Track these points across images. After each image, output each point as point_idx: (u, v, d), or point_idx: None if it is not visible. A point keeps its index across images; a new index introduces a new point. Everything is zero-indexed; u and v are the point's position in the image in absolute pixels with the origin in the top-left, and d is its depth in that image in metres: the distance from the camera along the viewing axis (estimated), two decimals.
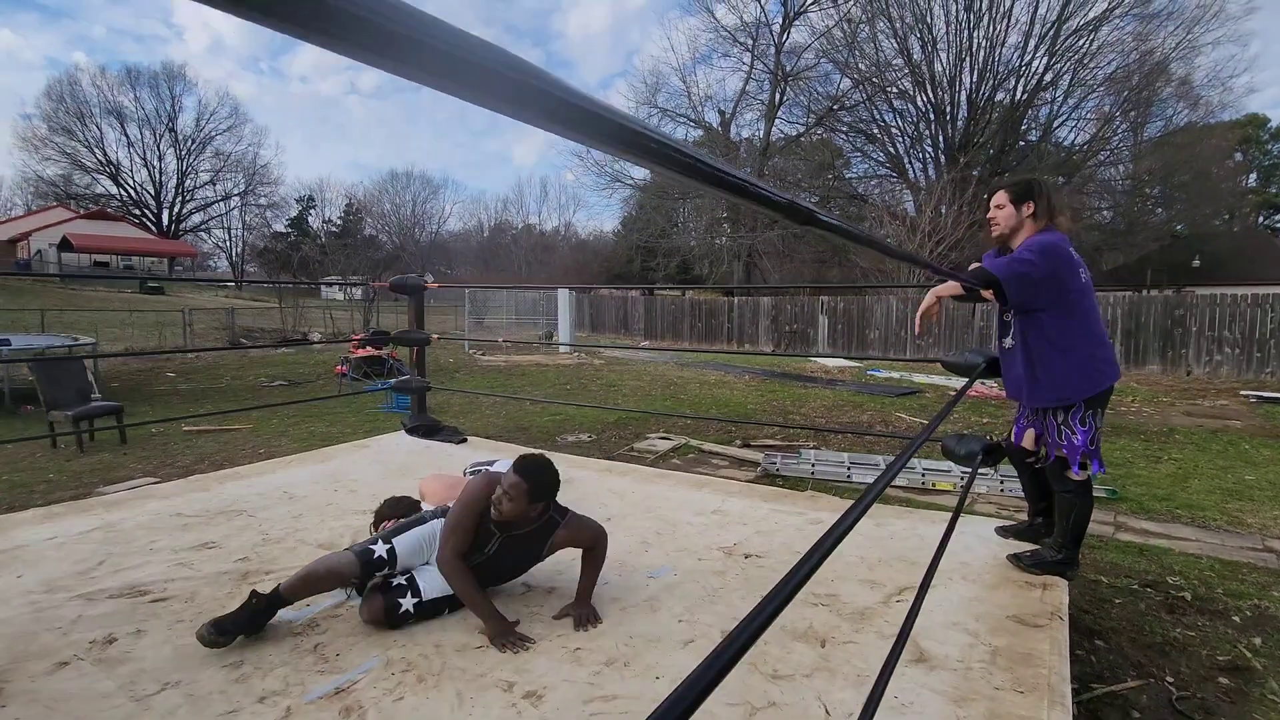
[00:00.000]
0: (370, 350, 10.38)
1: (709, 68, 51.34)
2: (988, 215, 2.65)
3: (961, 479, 5.05)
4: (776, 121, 29.20)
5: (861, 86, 26.38)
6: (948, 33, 24.39)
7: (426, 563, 2.31)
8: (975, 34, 24.03)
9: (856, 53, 26.05)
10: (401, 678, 1.92)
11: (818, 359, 14.60)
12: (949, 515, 3.44)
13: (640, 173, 34.01)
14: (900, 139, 27.43)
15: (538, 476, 2.17)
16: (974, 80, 24.67)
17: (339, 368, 10.72)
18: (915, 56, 24.97)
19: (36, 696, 1.82)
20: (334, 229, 48.27)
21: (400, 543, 2.27)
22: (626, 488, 3.83)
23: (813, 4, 27.01)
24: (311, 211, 50.71)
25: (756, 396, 9.88)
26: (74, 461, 5.67)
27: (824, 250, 28.73)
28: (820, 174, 28.40)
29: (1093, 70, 23.69)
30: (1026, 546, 2.79)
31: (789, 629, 2.20)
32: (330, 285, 30.15)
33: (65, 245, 34.67)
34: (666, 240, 32.24)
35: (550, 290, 20.05)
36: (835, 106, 27.51)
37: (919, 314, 2.68)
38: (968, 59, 24.44)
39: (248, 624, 2.07)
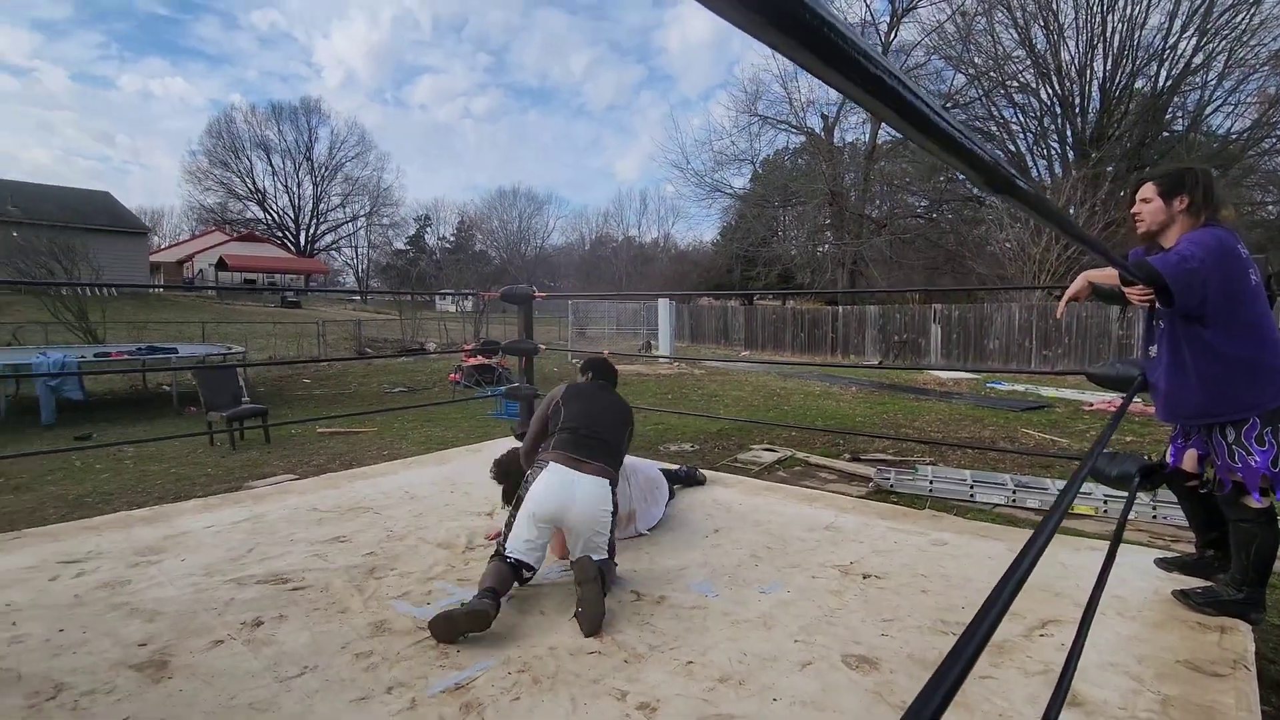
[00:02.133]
0: (481, 359, 10.86)
1: None
2: (1131, 210, 2.38)
3: (1104, 503, 4.57)
4: (883, 124, 28.05)
5: (977, 82, 24.89)
6: (1077, 19, 22.51)
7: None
8: (1110, 18, 22.03)
9: (971, 47, 24.62)
10: (518, 678, 1.95)
11: (931, 371, 13.80)
12: (1094, 542, 3.11)
13: (740, 182, 33.79)
14: (1022, 135, 25.59)
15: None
16: (1107, 68, 22.59)
17: (452, 375, 11.30)
18: (1039, 46, 23.25)
19: (196, 671, 2.00)
20: (447, 245, 51.26)
21: (510, 545, 2.42)
22: (732, 499, 3.75)
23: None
24: (428, 230, 54.12)
25: (865, 409, 9.45)
26: (228, 458, 6.29)
27: (936, 256, 27.25)
28: (931, 176, 26.97)
29: (1254, 48, 21.02)
30: (1193, 582, 2.46)
31: (916, 658, 2.05)
32: (444, 297, 31.96)
33: (221, 265, 38.92)
34: (767, 249, 31.73)
35: (650, 300, 20.22)
36: (948, 105, 26.08)
37: (1065, 298, 2.46)
38: (1100, 45, 22.44)
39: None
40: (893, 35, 27.03)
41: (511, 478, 3.05)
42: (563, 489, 2.44)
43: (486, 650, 2.11)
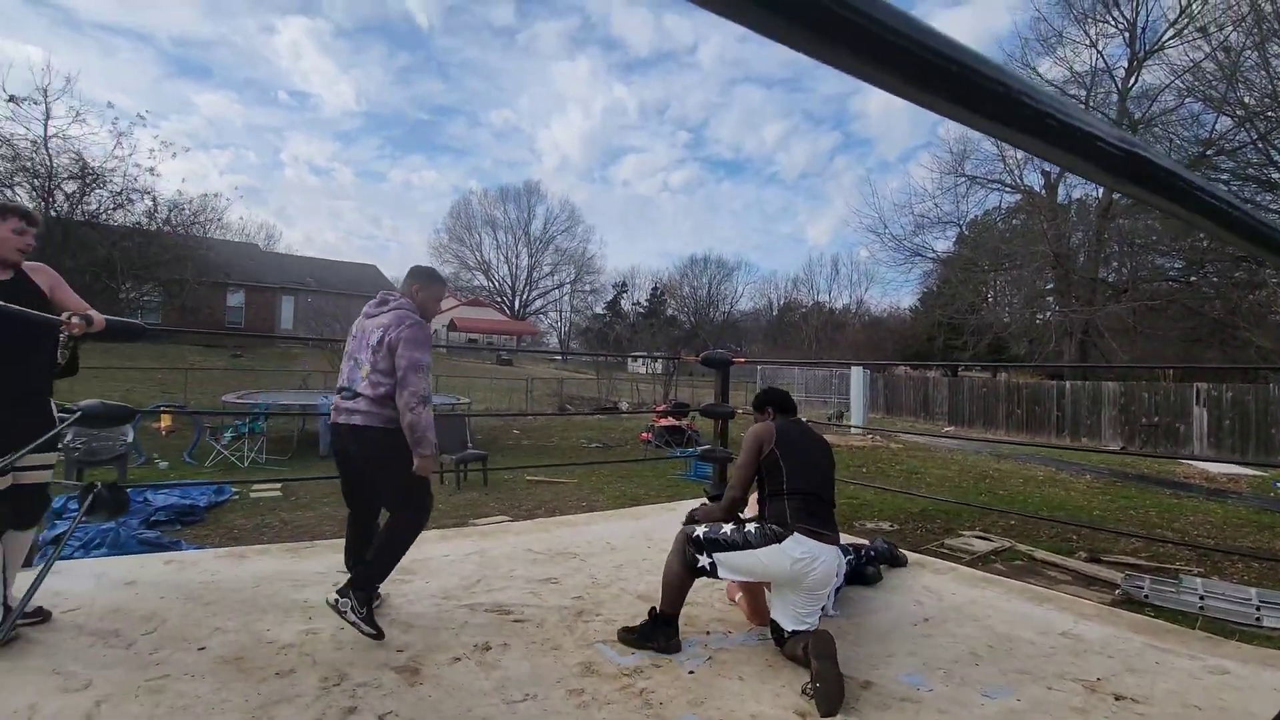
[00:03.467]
0: (671, 420, 11.21)
1: None
2: None
3: None
4: None
5: (1249, 124, 21.20)
6: None
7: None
8: None
9: (1240, 85, 21.15)
10: None
11: (1194, 462, 11.53)
12: None
13: (943, 245, 31.74)
14: None
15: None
16: None
17: (644, 435, 11.77)
18: None
19: (440, 681, 2.28)
20: (641, 310, 54.14)
21: (721, 559, 2.53)
22: (944, 587, 3.45)
23: (1172, 39, 22.95)
24: (624, 295, 57.75)
25: (1103, 501, 8.14)
26: (454, 496, 7.13)
27: (1196, 326, 23.05)
28: (1187, 233, 23.15)
29: None
30: None
31: None
32: (636, 359, 33.57)
33: (452, 326, 44.87)
34: (975, 316, 29.12)
35: (843, 368, 19.50)
36: (1209, 151, 22.48)
37: None
38: None
39: (658, 641, 2.49)
40: (1133, 81, 24.22)
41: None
42: (805, 562, 2.44)
43: (689, 706, 2.15)
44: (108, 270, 20.23)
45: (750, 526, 2.54)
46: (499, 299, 56.71)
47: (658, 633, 2.46)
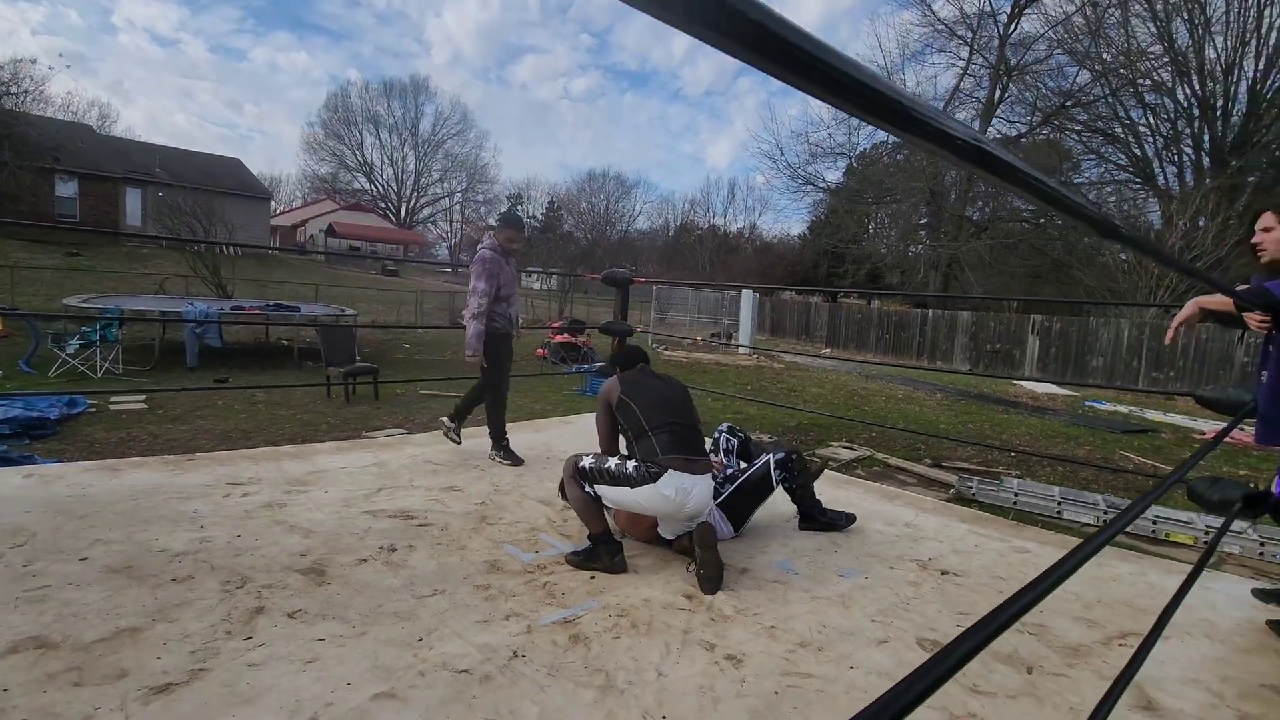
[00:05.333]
0: (568, 337, 11.28)
1: (919, 64, 47.83)
2: (1252, 239, 2.34)
3: (1206, 533, 4.40)
4: (994, 121, 26.69)
5: (1104, 79, 23.18)
6: (1227, 13, 20.56)
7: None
8: (1268, 13, 19.99)
9: (1101, 41, 22.93)
10: (617, 621, 2.20)
11: (1023, 383, 13.21)
12: (1187, 566, 3.06)
13: (834, 176, 32.93)
14: (1150, 139, 23.70)
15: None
16: (1260, 68, 20.55)
17: (540, 351, 11.79)
18: (1180, 42, 21.40)
19: (348, 582, 2.35)
20: (536, 225, 52.56)
21: (602, 491, 2.63)
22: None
23: None
24: (519, 208, 55.62)
25: (949, 416, 9.24)
26: (343, 409, 6.91)
27: (1040, 264, 25.78)
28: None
29: None
30: None
31: (990, 649, 2.16)
32: (531, 274, 32.86)
33: (331, 231, 41.55)
34: (856, 246, 30.89)
35: (733, 290, 20.20)
36: (1068, 103, 24.46)
37: (1175, 321, 2.45)
38: (1254, 42, 20.42)
39: (602, 560, 2.57)
40: (1013, 27, 25.55)
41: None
42: (681, 496, 2.54)
43: (588, 595, 2.37)
44: None
45: (630, 465, 2.59)
46: (383, 205, 52.89)
47: (599, 552, 2.56)
